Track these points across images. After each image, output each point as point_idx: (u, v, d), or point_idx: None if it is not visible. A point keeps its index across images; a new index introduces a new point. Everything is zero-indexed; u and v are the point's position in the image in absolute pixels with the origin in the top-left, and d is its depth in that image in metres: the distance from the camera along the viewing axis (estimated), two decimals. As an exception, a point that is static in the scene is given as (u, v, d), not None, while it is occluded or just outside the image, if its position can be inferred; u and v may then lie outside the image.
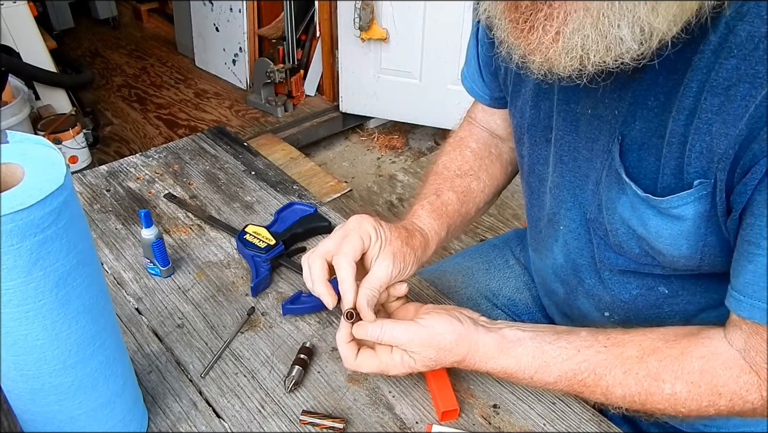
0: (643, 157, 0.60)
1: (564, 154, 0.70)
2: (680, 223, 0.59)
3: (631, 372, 0.62)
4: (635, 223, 0.63)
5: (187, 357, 0.76)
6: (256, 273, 0.85)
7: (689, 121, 0.55)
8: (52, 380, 0.54)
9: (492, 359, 0.67)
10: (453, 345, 0.66)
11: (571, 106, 0.67)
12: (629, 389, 0.63)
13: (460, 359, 0.67)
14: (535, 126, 0.74)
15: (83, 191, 1.05)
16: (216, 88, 3.05)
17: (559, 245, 0.77)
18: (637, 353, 0.63)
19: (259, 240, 0.88)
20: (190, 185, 1.07)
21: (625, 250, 0.67)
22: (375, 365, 0.68)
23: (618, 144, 0.62)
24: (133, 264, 0.90)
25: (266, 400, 0.71)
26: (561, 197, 0.73)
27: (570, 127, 0.68)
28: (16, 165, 0.49)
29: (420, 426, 0.69)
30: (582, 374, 0.64)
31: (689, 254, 0.61)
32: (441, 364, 0.68)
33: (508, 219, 2.35)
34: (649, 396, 0.62)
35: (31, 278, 0.47)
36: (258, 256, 0.87)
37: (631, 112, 0.60)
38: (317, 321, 0.81)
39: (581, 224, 0.72)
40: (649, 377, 0.62)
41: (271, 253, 0.87)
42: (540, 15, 0.49)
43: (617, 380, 0.63)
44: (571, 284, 0.79)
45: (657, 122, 0.58)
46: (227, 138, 1.21)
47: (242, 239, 0.89)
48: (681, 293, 0.70)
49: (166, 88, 3.10)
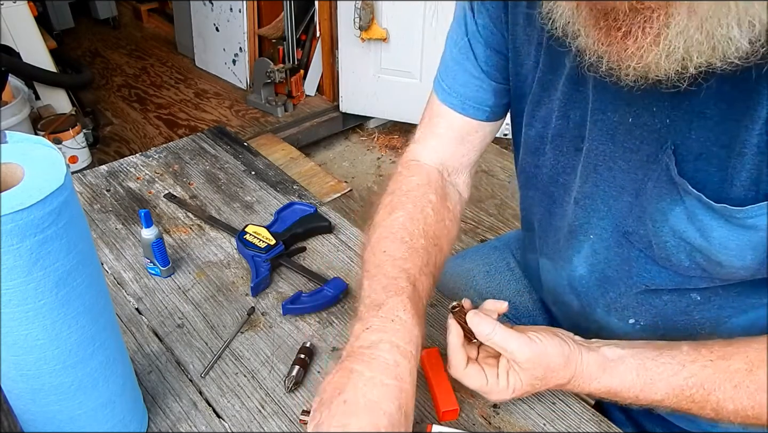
0: (701, 168, 0.58)
1: (599, 164, 0.67)
2: (752, 233, 0.57)
3: (741, 386, 0.60)
4: (693, 234, 0.60)
5: (187, 357, 0.76)
6: (256, 273, 0.85)
7: (765, 130, 0.52)
8: (52, 380, 0.54)
9: (596, 380, 0.65)
10: (561, 367, 0.64)
11: (608, 115, 0.64)
12: (741, 403, 0.60)
13: (564, 382, 0.65)
14: (562, 136, 0.71)
15: (83, 191, 1.05)
16: (216, 88, 3.05)
17: (583, 256, 0.74)
18: (745, 365, 0.61)
19: (259, 240, 0.88)
20: (190, 185, 1.07)
21: (672, 263, 0.65)
22: (481, 382, 0.65)
23: (672, 154, 0.59)
24: (133, 264, 0.90)
25: (266, 400, 0.71)
26: (593, 207, 0.70)
27: (605, 137, 0.65)
28: (16, 165, 0.49)
29: (420, 426, 0.68)
30: (690, 390, 0.62)
31: (752, 265, 0.59)
32: (545, 386, 0.65)
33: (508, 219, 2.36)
34: (763, 409, 0.60)
35: (31, 277, 0.47)
36: (258, 256, 0.87)
37: (687, 120, 0.57)
38: (317, 321, 0.81)
39: (613, 234, 0.69)
40: (761, 391, 0.60)
41: (271, 253, 0.87)
42: (638, 17, 0.46)
43: (728, 394, 0.61)
44: (590, 296, 0.77)
45: (718, 131, 0.56)
46: (227, 138, 1.21)
47: (242, 239, 0.89)
48: (713, 299, 0.68)
49: (166, 88, 3.10)
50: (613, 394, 0.65)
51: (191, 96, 3.01)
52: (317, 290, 0.83)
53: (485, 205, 2.42)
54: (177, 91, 3.06)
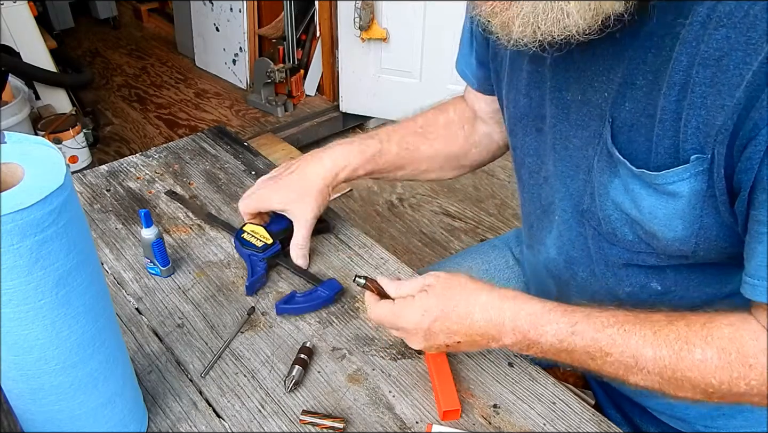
0: (633, 138, 0.60)
1: (557, 143, 0.70)
2: (675, 201, 0.58)
3: (661, 333, 0.59)
4: (628, 205, 0.62)
5: (187, 357, 0.76)
6: (252, 272, 0.85)
7: (681, 96, 0.54)
8: (52, 379, 0.54)
9: (515, 296, 0.65)
10: (469, 279, 0.67)
11: (563, 93, 0.67)
12: (660, 350, 0.59)
13: (476, 291, 0.66)
14: (527, 116, 0.74)
15: (83, 191, 1.05)
16: (216, 87, 3.05)
17: (553, 237, 0.76)
18: (665, 317, 0.60)
19: (257, 239, 0.88)
20: (191, 185, 1.07)
21: (618, 238, 0.67)
22: (389, 307, 0.69)
23: (609, 127, 0.62)
24: (133, 264, 0.90)
25: (266, 400, 0.71)
26: (555, 187, 0.73)
27: (562, 115, 0.68)
28: (16, 165, 0.49)
29: (420, 426, 0.68)
30: (611, 328, 0.61)
31: (684, 236, 0.60)
32: (459, 298, 0.67)
33: (508, 219, 2.36)
34: (680, 361, 0.58)
35: (31, 277, 0.47)
36: (255, 255, 0.87)
37: (621, 93, 0.60)
38: (317, 321, 0.81)
39: (573, 214, 0.72)
40: (679, 340, 0.58)
41: (268, 252, 0.87)
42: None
43: (647, 339, 0.59)
44: (563, 279, 0.78)
45: (646, 101, 0.58)
46: (227, 138, 1.21)
47: (240, 238, 0.89)
48: (674, 289, 0.69)
49: (166, 88, 3.10)
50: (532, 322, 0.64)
51: (191, 96, 3.01)
52: (311, 290, 0.83)
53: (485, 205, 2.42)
54: (177, 91, 3.06)
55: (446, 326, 0.67)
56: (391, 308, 0.69)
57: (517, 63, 0.74)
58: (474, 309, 0.66)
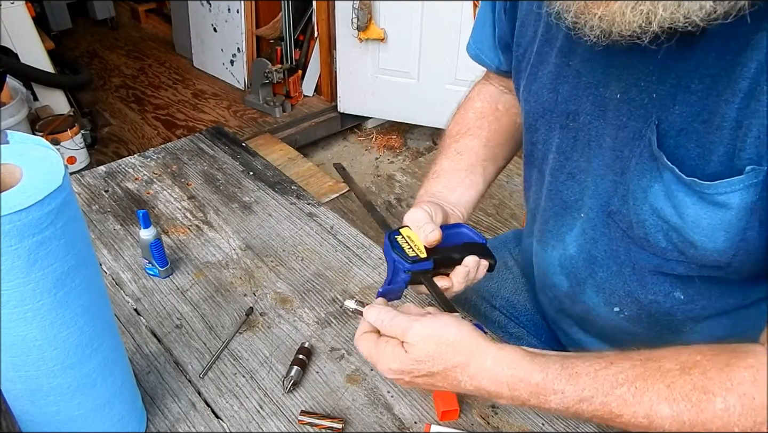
0: (682, 144, 0.57)
1: (592, 140, 0.67)
2: (723, 212, 0.56)
3: (675, 386, 0.53)
4: (669, 212, 0.60)
5: (185, 357, 0.76)
6: (390, 279, 0.73)
7: (744, 104, 0.52)
8: (50, 380, 0.54)
9: (511, 365, 0.58)
10: (457, 341, 0.59)
11: (600, 90, 0.64)
12: (677, 406, 0.53)
13: (464, 360, 0.59)
14: (551, 111, 0.71)
15: (81, 192, 1.05)
16: (214, 88, 3.05)
17: (575, 235, 0.74)
18: (677, 366, 0.55)
19: (410, 247, 0.74)
20: (189, 186, 1.07)
21: (650, 243, 0.64)
22: (369, 348, 0.63)
23: (655, 129, 0.59)
24: (132, 265, 0.90)
25: (265, 400, 0.71)
26: (585, 183, 0.70)
27: (598, 113, 0.65)
28: (14, 166, 0.49)
29: (418, 426, 0.69)
30: (620, 388, 0.55)
31: (724, 248, 0.58)
32: (441, 365, 0.59)
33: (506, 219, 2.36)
34: (700, 413, 0.53)
35: (29, 278, 0.47)
36: (400, 263, 0.73)
37: (672, 95, 0.57)
38: (315, 321, 0.81)
39: (599, 214, 0.70)
40: (696, 391, 0.53)
41: (416, 266, 0.72)
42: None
43: (662, 395, 0.53)
44: (579, 276, 0.77)
45: (700, 106, 0.55)
46: (225, 138, 1.21)
47: (392, 239, 0.75)
48: (696, 299, 0.68)
49: (164, 88, 3.09)
50: (532, 389, 0.57)
51: (189, 96, 3.00)
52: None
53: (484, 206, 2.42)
54: (175, 92, 3.05)
55: (430, 383, 0.62)
56: (370, 350, 0.63)
57: (543, 55, 0.71)
58: (463, 378, 0.60)
